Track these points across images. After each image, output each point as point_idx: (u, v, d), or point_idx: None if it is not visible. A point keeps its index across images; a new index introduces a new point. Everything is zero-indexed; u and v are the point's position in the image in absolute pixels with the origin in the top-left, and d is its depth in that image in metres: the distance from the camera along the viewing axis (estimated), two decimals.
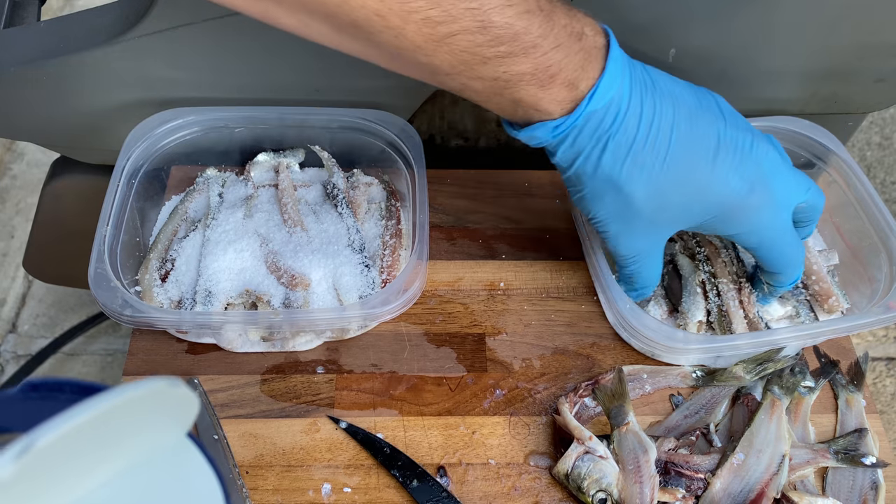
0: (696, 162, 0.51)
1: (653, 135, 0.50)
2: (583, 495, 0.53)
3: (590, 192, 0.53)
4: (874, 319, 0.59)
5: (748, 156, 0.52)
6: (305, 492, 0.55)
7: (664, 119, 0.50)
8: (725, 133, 0.52)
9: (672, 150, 0.50)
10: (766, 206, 0.53)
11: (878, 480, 0.57)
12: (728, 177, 0.51)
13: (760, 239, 0.55)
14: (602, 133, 0.49)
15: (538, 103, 0.48)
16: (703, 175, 0.51)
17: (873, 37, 0.66)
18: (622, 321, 0.61)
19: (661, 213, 0.53)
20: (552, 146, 0.52)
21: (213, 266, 0.62)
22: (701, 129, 0.51)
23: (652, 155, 0.50)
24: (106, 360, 1.38)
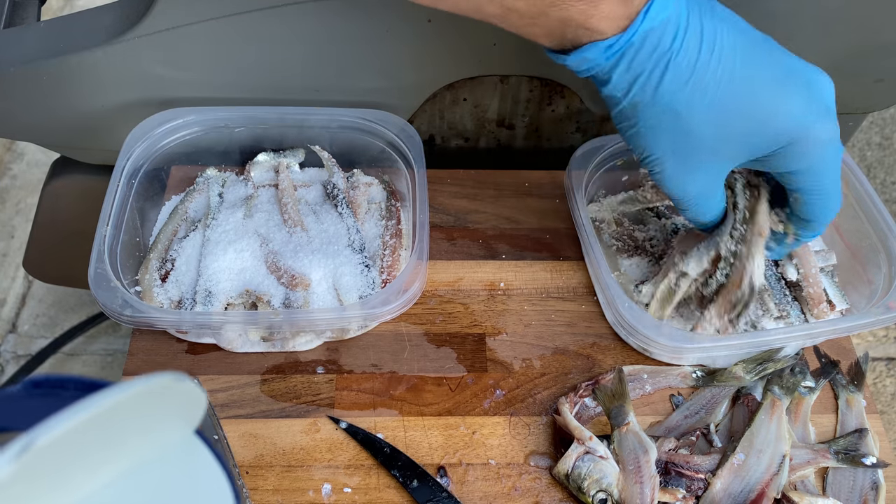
0: (762, 88, 0.48)
1: (716, 57, 0.46)
2: (583, 495, 0.53)
3: (646, 124, 0.49)
4: (874, 320, 0.59)
5: (813, 87, 0.49)
6: (305, 492, 0.55)
7: (726, 41, 0.47)
8: (789, 62, 0.49)
9: (737, 74, 0.47)
10: (830, 142, 0.50)
11: (879, 481, 0.57)
12: (795, 106, 0.48)
13: (816, 180, 0.52)
14: (662, 53, 0.46)
15: (588, 20, 0.44)
16: (770, 102, 0.48)
17: (873, 37, 0.66)
18: (620, 320, 0.61)
19: (724, 143, 0.49)
20: (604, 71, 0.48)
21: (213, 266, 0.62)
22: (764, 55, 0.48)
23: (716, 78, 0.47)
24: (106, 360, 1.38)
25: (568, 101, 0.75)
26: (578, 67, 0.48)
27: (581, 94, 0.72)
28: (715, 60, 0.46)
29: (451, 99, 0.75)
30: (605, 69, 0.47)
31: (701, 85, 0.47)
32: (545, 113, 0.76)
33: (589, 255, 0.64)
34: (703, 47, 0.46)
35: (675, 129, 0.49)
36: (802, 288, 0.64)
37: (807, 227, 0.56)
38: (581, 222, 0.65)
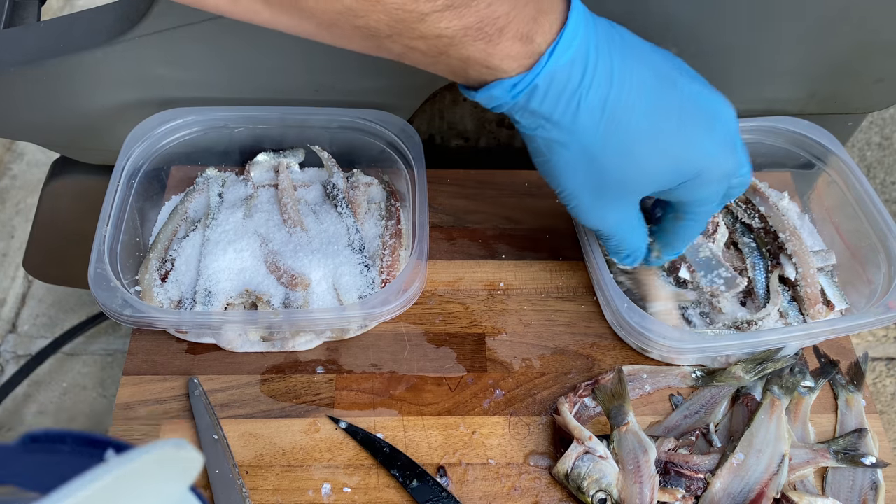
0: (674, 124, 0.48)
1: (626, 93, 0.46)
2: (582, 495, 0.53)
3: (559, 161, 0.49)
4: (873, 319, 0.59)
5: (719, 119, 0.50)
6: (305, 492, 0.55)
7: (636, 77, 0.46)
8: (697, 92, 0.49)
9: (651, 110, 0.47)
10: (731, 174, 0.51)
11: (878, 480, 0.57)
12: (705, 140, 0.49)
13: (705, 209, 0.53)
14: (572, 92, 0.45)
15: (489, 60, 0.44)
16: (681, 136, 0.48)
17: (873, 37, 0.66)
18: (619, 320, 0.61)
19: (636, 179, 0.50)
20: (513, 109, 0.47)
21: (213, 266, 0.62)
22: (676, 89, 0.48)
23: (628, 115, 0.46)
24: (106, 360, 1.38)
25: None
26: (488, 104, 0.48)
27: None
28: (625, 95, 0.46)
29: (451, 99, 0.75)
30: (513, 108, 0.47)
31: (613, 122, 0.47)
32: None
33: (588, 255, 0.64)
34: (613, 83, 0.46)
35: (589, 166, 0.49)
36: (800, 288, 0.64)
37: (671, 247, 0.58)
38: None
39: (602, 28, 0.47)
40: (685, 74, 0.50)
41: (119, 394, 0.60)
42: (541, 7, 0.44)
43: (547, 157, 0.49)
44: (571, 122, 0.47)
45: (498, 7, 0.42)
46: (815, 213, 0.71)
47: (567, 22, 0.44)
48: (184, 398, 0.60)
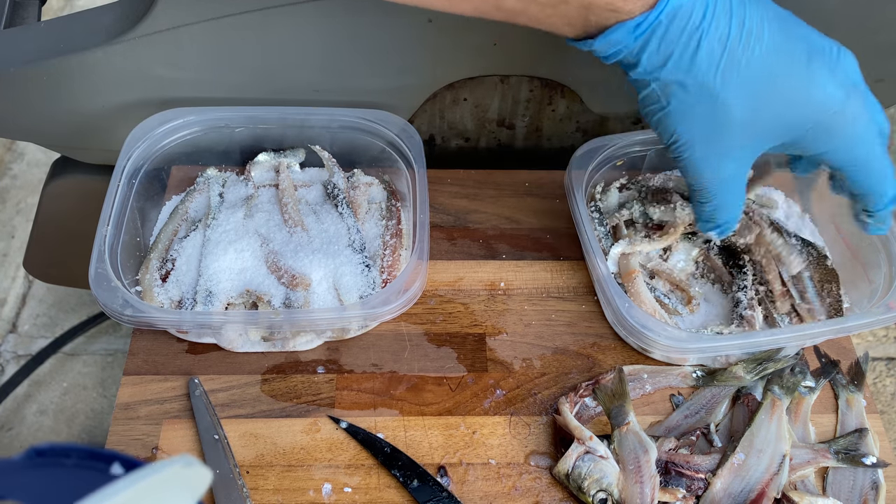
0: (792, 65, 0.47)
1: (746, 32, 0.45)
2: (583, 495, 0.53)
3: (677, 106, 0.48)
4: (874, 319, 0.59)
5: (839, 62, 0.48)
6: (306, 492, 0.55)
7: (755, 17, 0.46)
8: (815, 38, 0.48)
9: (768, 49, 0.46)
10: (861, 116, 0.49)
11: (879, 480, 0.57)
12: (825, 82, 0.48)
13: (855, 155, 0.50)
14: (692, 31, 0.45)
15: (613, 2, 0.44)
16: (800, 79, 0.47)
17: (873, 37, 0.66)
18: (620, 320, 0.61)
19: (755, 123, 0.48)
20: (633, 53, 0.46)
21: (214, 266, 0.62)
22: (792, 31, 0.47)
23: (748, 54, 0.46)
24: (106, 360, 1.38)
25: (568, 101, 0.75)
26: (606, 52, 0.47)
27: (581, 94, 0.72)
28: (745, 36, 0.46)
29: (452, 99, 0.75)
30: (633, 51, 0.46)
31: (733, 62, 0.46)
32: (545, 113, 0.76)
33: (588, 254, 0.64)
34: (733, 23, 0.45)
35: (707, 109, 0.47)
36: None
37: (868, 200, 0.54)
38: (581, 222, 0.65)
39: None
40: (803, 24, 0.49)
41: (119, 394, 0.60)
42: None
43: (662, 103, 0.48)
44: (690, 61, 0.46)
45: None
46: (816, 213, 0.71)
47: None
48: (184, 398, 0.60)
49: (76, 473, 0.25)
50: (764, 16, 0.47)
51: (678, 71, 0.46)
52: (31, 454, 0.25)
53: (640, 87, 0.49)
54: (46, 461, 0.25)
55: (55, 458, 0.25)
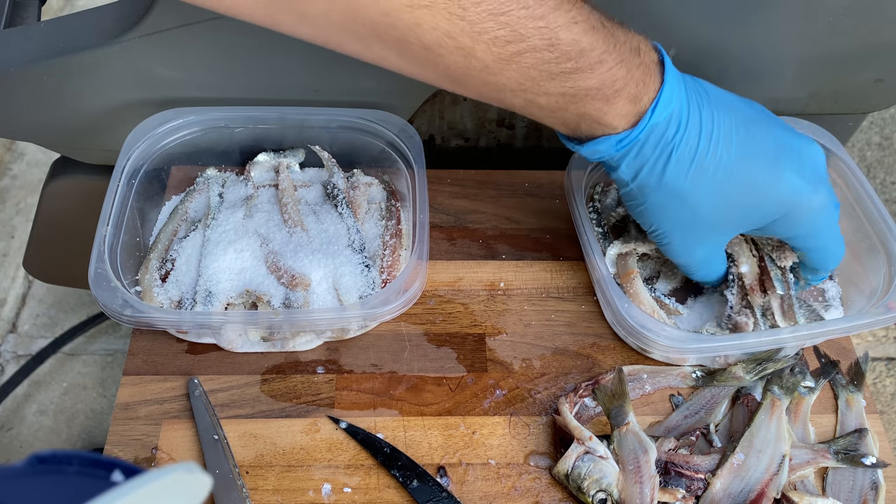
0: (759, 165, 0.52)
1: (714, 142, 0.51)
2: (583, 495, 0.53)
3: (653, 204, 0.54)
4: (874, 320, 0.59)
5: (806, 158, 0.53)
6: (305, 492, 0.55)
7: (722, 127, 0.51)
8: (782, 137, 0.53)
9: (734, 155, 0.51)
10: (823, 208, 0.54)
11: (879, 481, 0.57)
12: (791, 178, 0.52)
13: (819, 241, 0.57)
14: (665, 144, 0.51)
15: (603, 117, 0.49)
16: (766, 179, 0.52)
17: (873, 37, 0.66)
18: (619, 320, 0.61)
19: (725, 219, 0.54)
20: (615, 160, 0.53)
21: (213, 266, 0.62)
22: (759, 134, 0.52)
23: (715, 162, 0.51)
24: (106, 360, 1.38)
25: None
26: (591, 157, 0.53)
27: None
28: (713, 146, 0.51)
29: (451, 99, 0.75)
30: (615, 159, 0.53)
31: (701, 170, 0.51)
32: None
33: (588, 255, 0.64)
34: (702, 135, 0.51)
35: (681, 208, 0.53)
36: None
37: (815, 273, 0.62)
38: (580, 222, 0.65)
39: (690, 84, 0.52)
40: (770, 119, 0.54)
41: (119, 394, 0.60)
42: (647, 70, 0.49)
43: (639, 200, 0.55)
44: (662, 170, 0.52)
45: (617, 71, 0.47)
46: None
47: (664, 82, 0.50)
48: (184, 398, 0.60)
49: (77, 480, 0.25)
50: (732, 124, 0.52)
51: (652, 177, 0.52)
52: (32, 461, 0.25)
53: (620, 185, 0.55)
54: (48, 468, 0.25)
55: (57, 465, 0.25)
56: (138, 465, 0.56)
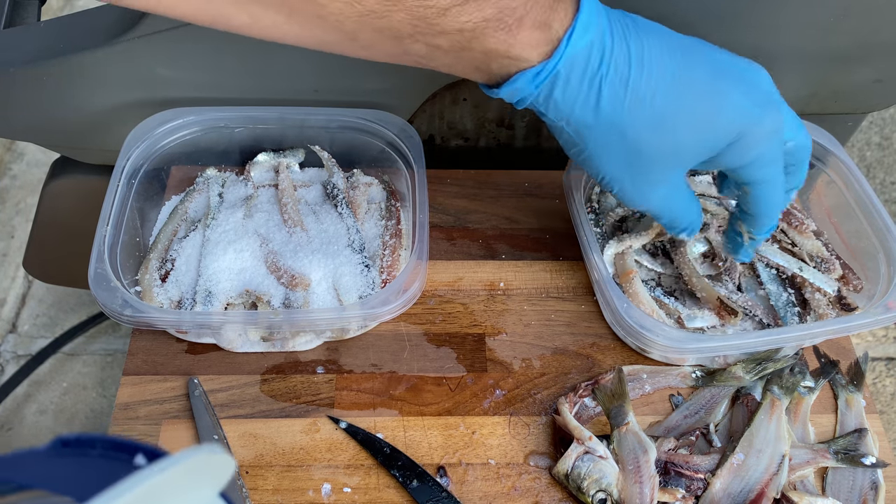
0: (701, 89, 0.48)
1: (647, 69, 0.47)
2: (583, 495, 0.53)
3: (594, 147, 0.49)
4: (873, 320, 0.59)
5: (750, 79, 0.49)
6: (305, 492, 0.55)
7: (654, 53, 0.47)
8: (722, 59, 0.49)
9: (671, 80, 0.47)
10: (777, 131, 0.50)
11: (878, 480, 0.57)
12: (738, 99, 0.48)
13: (764, 170, 0.51)
14: (592, 75, 0.46)
15: (510, 50, 0.45)
16: (710, 101, 0.48)
17: (873, 37, 0.66)
18: (619, 320, 0.61)
19: (674, 151, 0.50)
20: (539, 101, 0.48)
21: (213, 266, 0.62)
22: (696, 57, 0.48)
23: (651, 89, 0.47)
24: (106, 360, 1.38)
25: None
26: (512, 98, 0.48)
27: None
28: (647, 73, 0.47)
29: (451, 99, 0.75)
30: (539, 99, 0.48)
31: (638, 99, 0.47)
32: None
33: (588, 254, 0.64)
34: (632, 63, 0.47)
35: (623, 146, 0.49)
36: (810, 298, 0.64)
37: (756, 222, 0.56)
38: (579, 222, 0.65)
39: (615, 14, 0.48)
40: (706, 45, 0.50)
41: (119, 394, 0.60)
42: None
43: (580, 145, 0.50)
44: (596, 104, 0.47)
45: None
46: (815, 214, 0.71)
47: (580, 8, 0.45)
48: (184, 398, 0.60)
49: (101, 463, 0.25)
50: (665, 50, 0.48)
51: (586, 115, 0.48)
52: (56, 444, 0.25)
53: (556, 133, 0.51)
54: (72, 451, 0.25)
55: (80, 449, 0.25)
56: None
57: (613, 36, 0.47)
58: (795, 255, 0.66)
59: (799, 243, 0.67)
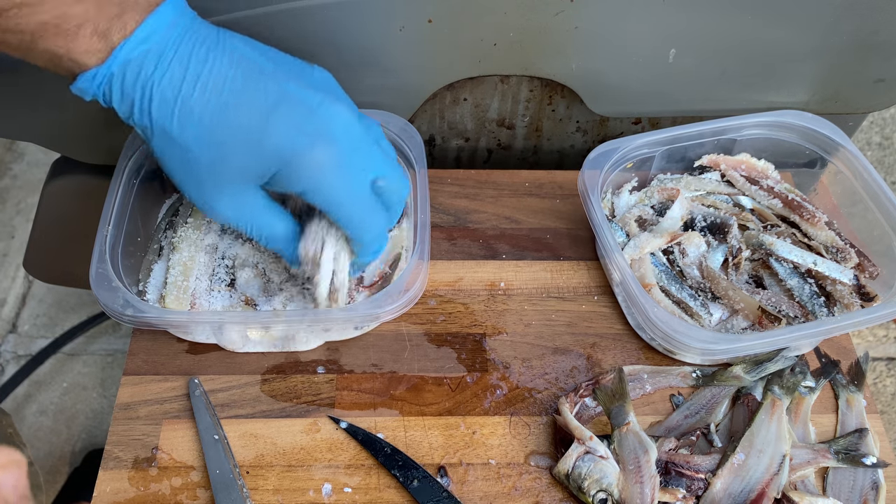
0: (252, 114, 0.50)
1: (201, 86, 0.49)
2: (583, 495, 0.53)
3: (156, 149, 0.51)
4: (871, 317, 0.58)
5: (314, 113, 0.51)
6: (306, 492, 0.55)
7: (217, 70, 0.49)
8: (294, 90, 0.51)
9: (225, 99, 0.49)
10: (330, 164, 0.51)
11: (879, 480, 0.57)
12: (286, 129, 0.50)
13: (327, 198, 0.53)
14: (145, 81, 0.49)
15: (70, 53, 0.48)
16: (260, 126, 0.50)
17: (873, 37, 0.66)
18: (647, 324, 0.60)
19: (225, 167, 0.51)
20: (106, 100, 0.50)
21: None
22: (262, 83, 0.50)
23: (202, 103, 0.49)
24: (106, 360, 1.38)
25: (568, 101, 0.75)
26: (82, 95, 0.50)
27: (581, 94, 0.72)
28: (200, 89, 0.49)
29: (452, 99, 0.75)
30: (105, 99, 0.50)
31: (187, 112, 0.49)
32: (545, 113, 0.76)
33: (610, 256, 0.62)
34: (188, 74, 0.49)
35: (177, 154, 0.51)
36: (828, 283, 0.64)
37: (356, 246, 0.57)
38: (598, 222, 0.63)
39: (200, 29, 0.50)
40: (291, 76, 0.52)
41: (119, 394, 0.60)
42: (126, 7, 0.47)
43: (151, 148, 0.52)
44: (148, 108, 0.49)
45: (77, 7, 0.46)
46: (822, 207, 0.70)
47: (147, 18, 0.48)
48: (184, 398, 0.60)
49: None
50: (233, 73, 0.50)
51: (142, 118, 0.50)
52: None
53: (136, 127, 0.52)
54: None
55: None
56: (138, 464, 0.56)
57: (179, 49, 0.49)
58: (811, 248, 0.66)
59: (813, 235, 0.66)
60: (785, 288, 0.64)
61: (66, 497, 1.21)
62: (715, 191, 0.70)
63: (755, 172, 0.70)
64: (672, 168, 0.72)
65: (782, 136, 0.70)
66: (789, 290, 0.64)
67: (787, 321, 0.62)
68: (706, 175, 0.72)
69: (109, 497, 0.55)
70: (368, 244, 0.57)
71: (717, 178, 0.71)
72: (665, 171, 0.72)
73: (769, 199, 0.69)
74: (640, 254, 0.65)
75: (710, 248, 0.67)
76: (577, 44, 0.66)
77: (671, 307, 0.63)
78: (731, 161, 0.71)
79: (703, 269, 0.65)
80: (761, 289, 0.65)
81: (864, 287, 0.63)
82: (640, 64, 0.68)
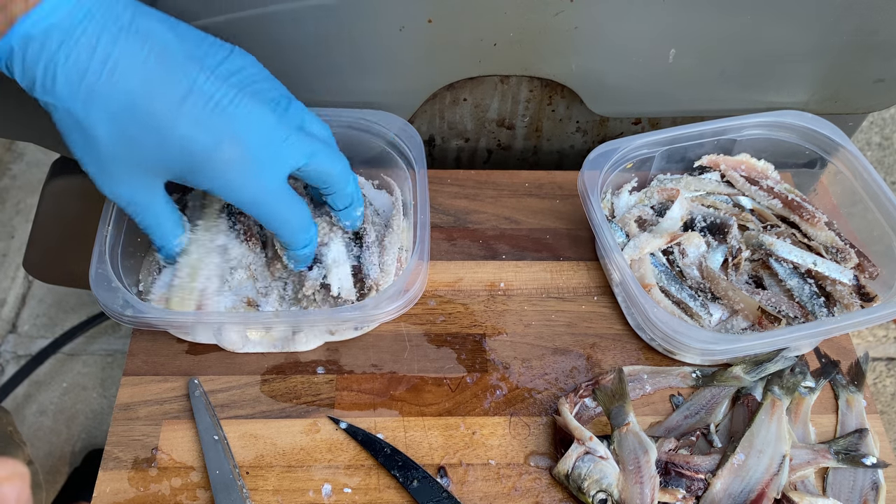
0: (160, 105, 0.48)
1: (110, 69, 0.47)
2: (583, 496, 0.53)
3: (60, 125, 0.50)
4: (870, 317, 0.58)
5: (223, 110, 0.50)
6: (306, 492, 0.55)
7: (127, 55, 0.48)
8: (204, 84, 0.50)
9: (133, 87, 0.48)
10: (238, 163, 0.50)
11: (879, 481, 0.57)
12: (191, 127, 0.49)
13: (238, 198, 0.52)
14: (48, 60, 0.47)
15: None
16: (166, 120, 0.49)
17: (873, 37, 0.66)
18: (647, 324, 0.60)
19: (132, 155, 0.50)
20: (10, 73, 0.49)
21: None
22: (174, 74, 0.49)
23: (109, 88, 0.48)
24: (106, 361, 1.38)
25: (568, 101, 0.75)
26: None
27: (581, 94, 0.72)
28: (109, 70, 0.47)
29: (451, 99, 0.75)
30: (7, 69, 0.49)
31: (93, 94, 0.48)
32: (545, 113, 0.76)
33: (609, 256, 0.63)
34: (95, 56, 0.47)
35: (81, 134, 0.50)
36: None
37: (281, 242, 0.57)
38: (598, 223, 0.63)
39: (115, 10, 0.48)
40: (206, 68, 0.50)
41: (119, 394, 0.60)
42: None
43: (54, 121, 0.50)
44: (52, 86, 0.48)
45: None
46: (821, 207, 0.71)
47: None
48: (184, 399, 0.60)
49: None
50: (147, 59, 0.48)
51: (45, 94, 0.48)
52: None
53: None
54: None
55: None
56: (138, 465, 0.56)
57: (88, 28, 0.47)
58: (811, 248, 0.66)
59: (812, 235, 0.66)
60: (785, 288, 0.64)
61: (66, 497, 1.21)
62: (715, 191, 0.70)
63: (755, 173, 0.70)
64: (672, 168, 0.72)
65: (782, 136, 0.70)
66: (789, 290, 0.64)
67: (786, 321, 0.62)
68: (706, 175, 0.72)
69: (109, 497, 0.55)
70: (290, 238, 0.56)
71: (717, 179, 0.71)
72: (665, 171, 0.72)
73: (769, 199, 0.69)
74: (639, 254, 0.65)
75: (710, 248, 0.67)
76: (576, 44, 0.66)
77: (671, 307, 0.63)
78: (730, 161, 0.71)
79: (703, 269, 0.65)
80: (761, 289, 0.65)
81: (864, 287, 0.63)
82: (640, 64, 0.68)
